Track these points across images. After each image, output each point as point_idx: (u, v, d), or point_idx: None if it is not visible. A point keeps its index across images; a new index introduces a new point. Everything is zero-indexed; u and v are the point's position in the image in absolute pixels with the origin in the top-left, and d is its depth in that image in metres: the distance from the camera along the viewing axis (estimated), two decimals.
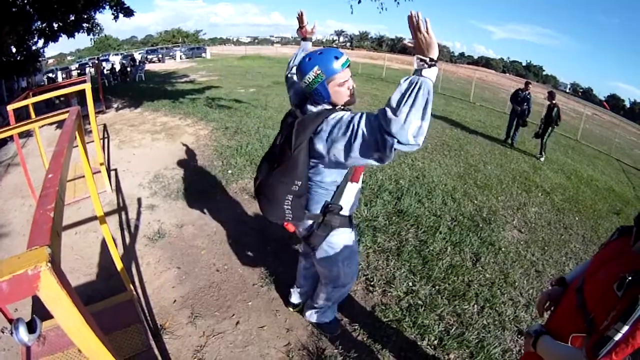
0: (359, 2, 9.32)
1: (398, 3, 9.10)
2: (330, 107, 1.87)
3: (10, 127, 2.79)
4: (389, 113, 1.46)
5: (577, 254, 4.57)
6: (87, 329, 0.82)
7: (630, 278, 1.07)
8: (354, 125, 1.61)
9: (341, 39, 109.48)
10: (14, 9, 9.89)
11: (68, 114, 2.02)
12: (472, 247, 4.08)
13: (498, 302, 3.26)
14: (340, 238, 2.17)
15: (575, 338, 1.30)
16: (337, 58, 1.76)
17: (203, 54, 41.18)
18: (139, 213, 4.54)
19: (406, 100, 1.43)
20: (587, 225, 5.53)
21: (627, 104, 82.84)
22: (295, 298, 2.93)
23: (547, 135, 9.27)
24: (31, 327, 1.64)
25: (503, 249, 4.19)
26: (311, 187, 2.00)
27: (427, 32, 1.46)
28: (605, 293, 1.17)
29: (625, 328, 1.03)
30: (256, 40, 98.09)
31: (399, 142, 1.47)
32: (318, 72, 1.76)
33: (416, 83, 1.44)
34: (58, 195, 0.97)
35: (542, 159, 9.04)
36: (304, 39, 2.70)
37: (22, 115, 7.90)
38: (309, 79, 1.79)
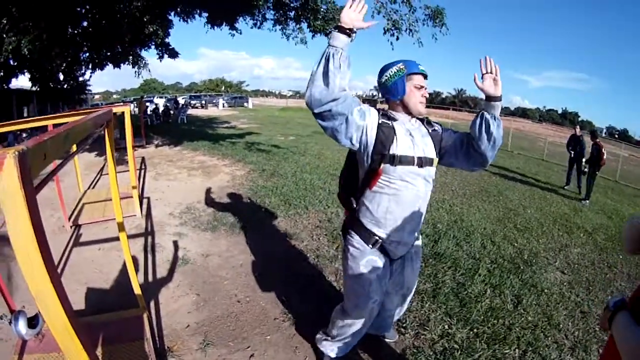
0: (397, 39, 9.46)
1: (436, 39, 9.26)
2: (400, 106, 1.99)
3: (46, 116, 2.87)
4: (486, 143, 1.95)
5: (623, 292, 4.23)
6: (37, 254, 0.77)
7: None
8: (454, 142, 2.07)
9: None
10: (67, 36, 10.51)
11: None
12: (512, 289, 3.78)
13: (542, 345, 2.95)
14: (353, 250, 2.09)
15: None
16: (419, 65, 1.94)
17: (245, 104, 42.98)
18: (165, 239, 4.51)
19: (488, 135, 1.91)
20: (631, 262, 5.17)
21: None
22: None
23: (593, 178, 9.00)
24: (32, 323, 1.53)
25: (546, 291, 3.87)
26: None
27: (498, 75, 1.86)
28: None
29: None
30: (298, 94, 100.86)
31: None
32: (401, 67, 1.91)
33: (491, 122, 1.88)
34: (59, 135, 0.98)
35: (587, 203, 8.65)
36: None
37: None
38: (391, 72, 1.93)
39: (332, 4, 10.34)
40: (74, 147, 4.72)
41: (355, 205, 2.11)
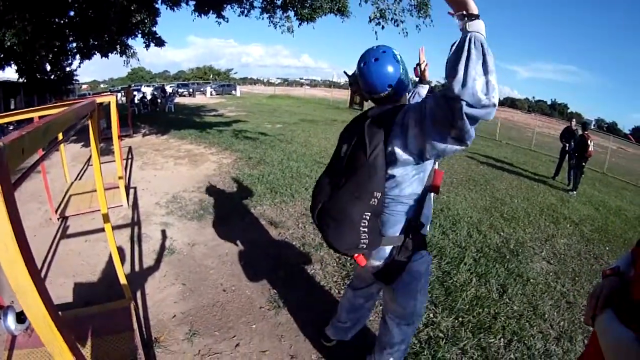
0: (382, 27, 9.56)
1: (419, 29, 9.37)
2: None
3: (31, 109, 2.84)
4: (448, 79, 1.29)
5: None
6: (16, 250, 0.75)
7: None
8: (423, 107, 1.46)
9: None
10: (52, 26, 10.34)
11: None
12: (498, 278, 3.80)
13: (527, 335, 2.97)
14: (421, 263, 1.88)
15: None
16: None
17: (233, 91, 42.62)
18: (152, 229, 4.48)
19: (459, 59, 1.26)
20: (618, 254, 5.23)
21: None
22: (332, 332, 2.57)
23: (580, 169, 9.14)
24: (21, 318, 1.51)
25: (532, 281, 3.90)
26: (387, 205, 1.72)
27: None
28: None
29: None
30: (286, 82, 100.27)
31: (468, 104, 1.26)
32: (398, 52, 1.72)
33: (464, 39, 1.27)
34: (38, 128, 0.95)
35: (574, 194, 8.76)
36: (421, 81, 2.37)
37: None
38: (402, 61, 1.72)
39: None
40: (60, 136, 4.69)
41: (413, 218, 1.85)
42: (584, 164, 9.17)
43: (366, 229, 1.64)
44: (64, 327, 0.88)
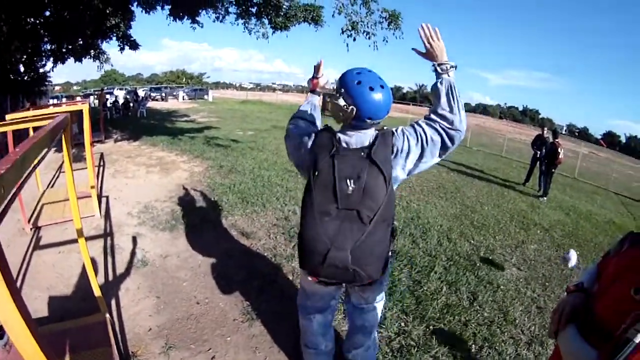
0: (354, 39, 9.69)
1: (386, 41, 9.51)
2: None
3: (4, 122, 2.79)
4: (448, 114, 1.75)
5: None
6: None
7: None
8: (420, 134, 1.79)
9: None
10: (27, 27, 10.11)
11: (56, 117, 2.00)
12: (469, 286, 3.89)
13: (498, 341, 3.06)
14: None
15: None
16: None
17: (205, 96, 42.40)
18: (124, 240, 4.43)
19: (453, 100, 1.75)
20: (588, 258, 5.42)
21: (623, 140, 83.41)
22: None
23: (549, 175, 9.38)
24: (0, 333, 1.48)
25: (502, 287, 4.01)
26: None
27: (439, 40, 1.80)
28: (623, 302, 1.04)
29: None
30: (258, 87, 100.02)
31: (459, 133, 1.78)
32: None
33: (451, 85, 1.76)
34: (16, 162, 0.92)
35: (544, 200, 8.99)
36: (313, 91, 2.29)
37: (22, 135, 7.99)
38: None
39: (293, 0, 10.39)
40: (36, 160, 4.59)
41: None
42: (553, 170, 9.43)
43: (389, 250, 1.86)
44: (44, 342, 0.87)
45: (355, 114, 1.72)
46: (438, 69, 1.79)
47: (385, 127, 1.84)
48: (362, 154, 1.72)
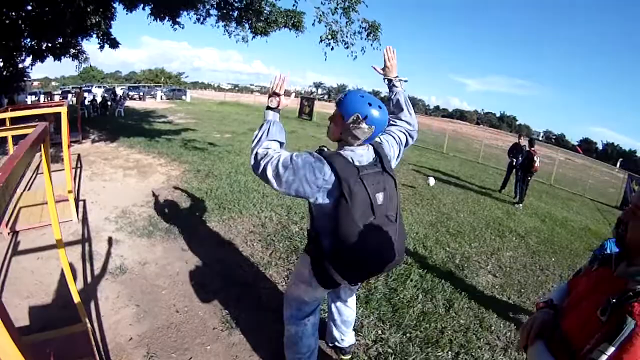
0: (332, 49, 9.72)
1: (364, 51, 9.61)
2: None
3: None
4: (410, 119, 2.35)
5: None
6: None
7: (614, 300, 1.00)
8: (397, 138, 2.26)
9: (319, 90, 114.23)
10: (7, 21, 9.93)
11: (35, 127, 2.00)
12: (444, 293, 3.97)
13: (474, 347, 3.14)
14: None
15: None
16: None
17: (183, 96, 42.35)
18: (102, 246, 4.38)
19: (410, 107, 2.38)
20: (564, 265, 5.55)
21: (600, 147, 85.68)
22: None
23: (525, 183, 9.56)
24: None
25: (478, 294, 4.11)
26: None
27: (395, 59, 2.39)
28: (589, 322, 1.08)
29: (612, 349, 0.95)
30: (236, 88, 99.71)
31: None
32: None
33: (406, 95, 2.40)
34: (2, 187, 0.94)
35: (520, 207, 9.18)
36: (276, 109, 2.09)
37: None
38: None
39: (274, 6, 10.40)
40: (10, 140, 4.47)
41: None
42: (529, 177, 9.63)
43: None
44: (28, 353, 0.87)
45: (372, 133, 1.93)
46: (395, 82, 2.38)
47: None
48: (377, 168, 1.97)
